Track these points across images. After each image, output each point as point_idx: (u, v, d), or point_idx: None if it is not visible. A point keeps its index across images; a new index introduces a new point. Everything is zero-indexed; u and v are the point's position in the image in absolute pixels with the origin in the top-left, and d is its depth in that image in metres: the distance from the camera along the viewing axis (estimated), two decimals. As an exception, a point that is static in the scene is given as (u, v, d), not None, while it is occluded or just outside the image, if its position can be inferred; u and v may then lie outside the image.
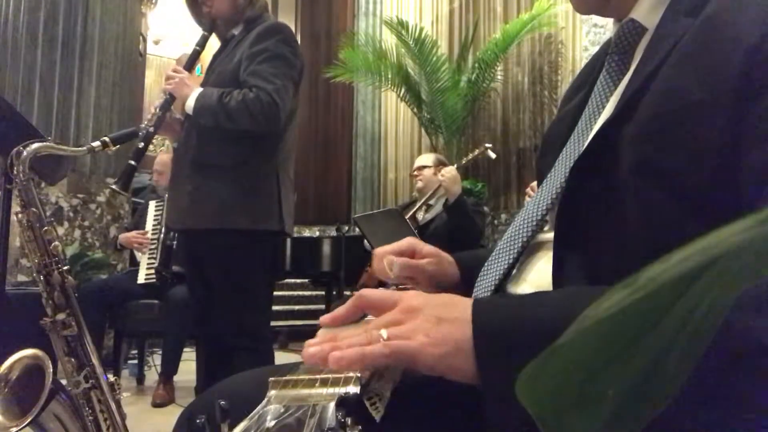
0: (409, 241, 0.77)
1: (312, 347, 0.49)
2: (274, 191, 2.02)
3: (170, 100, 1.98)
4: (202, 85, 2.06)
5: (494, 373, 0.46)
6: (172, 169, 2.12)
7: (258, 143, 1.98)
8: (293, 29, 7.85)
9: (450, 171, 3.10)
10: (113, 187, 1.89)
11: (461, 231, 3.00)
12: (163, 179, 3.37)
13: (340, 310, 0.57)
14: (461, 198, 3.07)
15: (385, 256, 0.74)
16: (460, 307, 0.50)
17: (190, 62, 2.03)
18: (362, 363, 0.47)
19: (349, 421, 0.39)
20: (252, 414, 0.41)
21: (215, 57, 2.14)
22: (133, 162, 1.86)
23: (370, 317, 0.57)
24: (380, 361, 0.47)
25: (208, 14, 2.05)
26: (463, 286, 0.77)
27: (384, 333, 0.48)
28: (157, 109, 1.95)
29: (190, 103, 1.94)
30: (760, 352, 0.43)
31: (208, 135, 1.96)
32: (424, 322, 0.49)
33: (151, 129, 1.91)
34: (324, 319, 0.58)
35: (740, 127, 0.53)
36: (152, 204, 3.41)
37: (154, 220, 3.35)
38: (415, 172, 3.41)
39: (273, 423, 0.40)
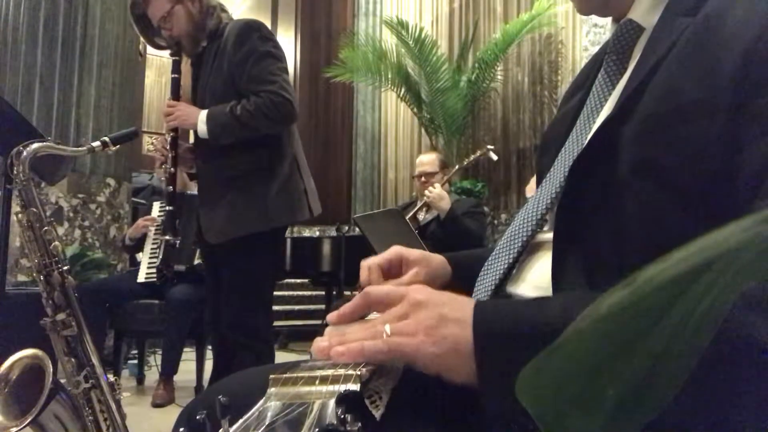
0: (395, 251, 0.75)
1: (321, 341, 0.51)
2: (299, 181, 2.12)
3: (176, 136, 2.08)
4: (197, 102, 2.12)
5: (494, 376, 0.46)
6: (200, 191, 2.19)
7: (273, 142, 2.06)
8: (293, 29, 7.72)
9: (434, 191, 3.13)
10: (167, 238, 2.07)
11: (457, 239, 3.03)
12: None
13: (346, 308, 0.57)
14: (451, 214, 3.10)
15: (373, 270, 0.73)
16: (464, 307, 0.50)
17: (174, 91, 2.11)
18: (361, 357, 0.48)
19: (349, 417, 0.39)
20: (252, 411, 0.41)
21: (195, 74, 2.18)
22: (171, 207, 2.06)
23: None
24: (379, 357, 0.48)
25: (170, 37, 2.07)
26: (456, 283, 0.77)
27: (388, 328, 0.49)
28: (169, 150, 2.06)
29: (202, 128, 2.01)
30: (751, 348, 0.44)
31: (227, 150, 2.04)
32: (426, 318, 0.49)
33: (172, 170, 2.06)
34: (331, 316, 0.58)
35: (736, 126, 0.54)
36: (156, 205, 3.44)
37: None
38: (423, 179, 3.39)
39: (273, 419, 0.40)
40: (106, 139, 1.37)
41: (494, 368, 0.46)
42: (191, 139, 2.29)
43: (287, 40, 7.00)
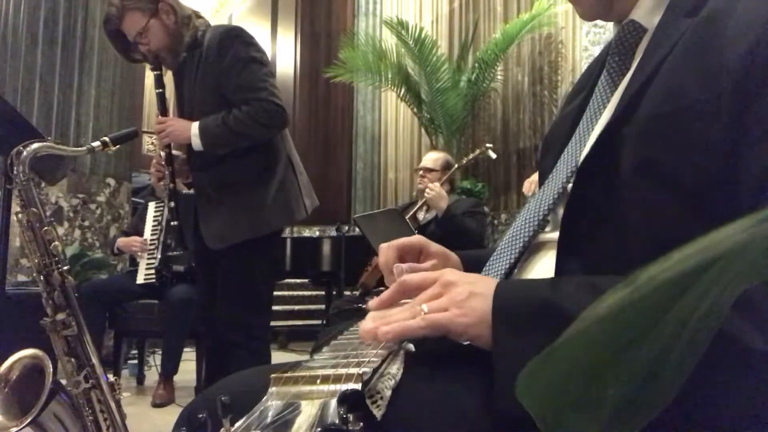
0: (418, 239, 0.77)
1: (366, 324, 0.57)
2: (294, 180, 2.13)
3: (170, 152, 2.10)
4: (184, 114, 2.12)
5: (504, 342, 0.52)
6: (198, 199, 2.18)
7: (266, 146, 2.06)
8: (293, 29, 7.70)
9: (434, 189, 3.13)
10: (178, 252, 2.08)
11: (455, 238, 3.03)
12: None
13: (385, 295, 0.63)
14: (448, 213, 3.10)
15: (395, 264, 0.74)
16: (489, 284, 0.57)
17: (162, 106, 2.11)
18: (404, 335, 0.54)
19: (350, 417, 0.39)
20: (253, 410, 0.41)
21: (178, 86, 2.16)
22: (175, 222, 2.10)
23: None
24: (420, 332, 0.54)
25: (148, 51, 2.05)
26: None
27: (425, 307, 0.55)
28: (166, 167, 2.08)
29: (196, 141, 2.02)
30: (735, 350, 0.44)
31: (221, 158, 2.05)
32: (458, 294, 0.55)
33: (172, 186, 2.09)
34: (372, 303, 0.63)
35: (739, 128, 0.54)
36: (152, 205, 3.42)
37: (154, 220, 3.36)
38: (421, 173, 3.40)
39: (274, 419, 0.40)
40: (106, 139, 1.37)
41: (505, 336, 0.52)
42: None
43: (287, 40, 7.00)
